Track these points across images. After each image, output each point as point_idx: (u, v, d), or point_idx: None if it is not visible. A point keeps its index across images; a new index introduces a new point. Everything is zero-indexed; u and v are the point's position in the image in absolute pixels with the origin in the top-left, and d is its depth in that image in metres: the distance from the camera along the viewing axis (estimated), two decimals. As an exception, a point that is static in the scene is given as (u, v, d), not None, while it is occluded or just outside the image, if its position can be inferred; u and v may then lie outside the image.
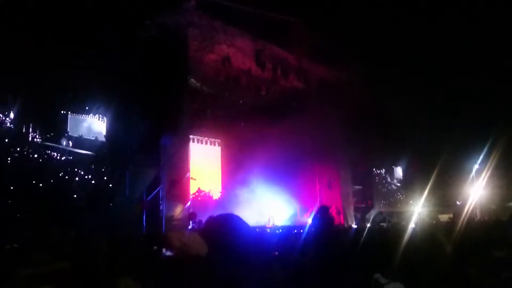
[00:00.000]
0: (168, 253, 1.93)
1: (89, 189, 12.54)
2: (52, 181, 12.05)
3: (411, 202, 22.48)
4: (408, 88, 19.71)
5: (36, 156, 12.37)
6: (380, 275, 2.94)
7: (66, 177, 12.46)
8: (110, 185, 12.81)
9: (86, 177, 12.76)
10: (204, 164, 18.14)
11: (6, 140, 11.81)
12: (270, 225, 15.54)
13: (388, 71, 18.41)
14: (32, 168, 11.94)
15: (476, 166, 21.20)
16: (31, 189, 11.40)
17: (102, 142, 13.54)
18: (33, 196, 11.21)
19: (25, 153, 12.17)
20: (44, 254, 2.91)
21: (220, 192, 18.01)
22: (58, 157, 12.81)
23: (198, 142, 18.15)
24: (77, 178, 12.60)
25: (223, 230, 2.09)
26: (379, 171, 23.30)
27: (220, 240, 1.97)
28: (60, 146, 13.14)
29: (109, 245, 2.94)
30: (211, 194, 17.48)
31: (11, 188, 11.17)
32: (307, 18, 17.10)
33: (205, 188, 17.32)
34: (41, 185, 11.77)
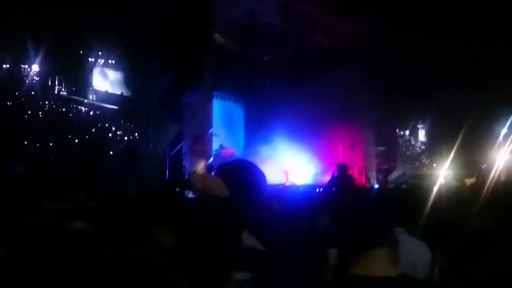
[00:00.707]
0: (191, 195, 1.98)
1: (115, 142, 12.81)
2: (81, 135, 12.33)
3: (435, 165, 22.23)
4: (436, 46, 18.99)
5: (64, 109, 12.60)
6: (401, 228, 2.95)
7: (94, 131, 12.72)
8: (135, 139, 13.05)
9: (113, 131, 13.01)
10: (227, 120, 18.24)
11: (33, 93, 12.01)
12: (290, 183, 15.61)
13: (416, 27, 17.69)
14: (62, 122, 12.21)
15: (504, 130, 20.64)
16: (61, 142, 11.72)
17: (126, 96, 13.67)
18: (63, 148, 11.54)
19: (54, 106, 12.40)
20: (76, 194, 3.06)
21: (242, 149, 18.15)
22: (86, 111, 13.03)
23: (221, 99, 18.16)
24: (104, 132, 12.85)
25: (237, 173, 2.11)
26: (403, 133, 22.98)
27: (234, 183, 2.00)
28: (86, 101, 13.32)
29: (135, 191, 3.01)
30: (233, 151, 17.65)
31: (45, 141, 11.51)
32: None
33: (228, 144, 17.48)
34: (75, 140, 12.08)
